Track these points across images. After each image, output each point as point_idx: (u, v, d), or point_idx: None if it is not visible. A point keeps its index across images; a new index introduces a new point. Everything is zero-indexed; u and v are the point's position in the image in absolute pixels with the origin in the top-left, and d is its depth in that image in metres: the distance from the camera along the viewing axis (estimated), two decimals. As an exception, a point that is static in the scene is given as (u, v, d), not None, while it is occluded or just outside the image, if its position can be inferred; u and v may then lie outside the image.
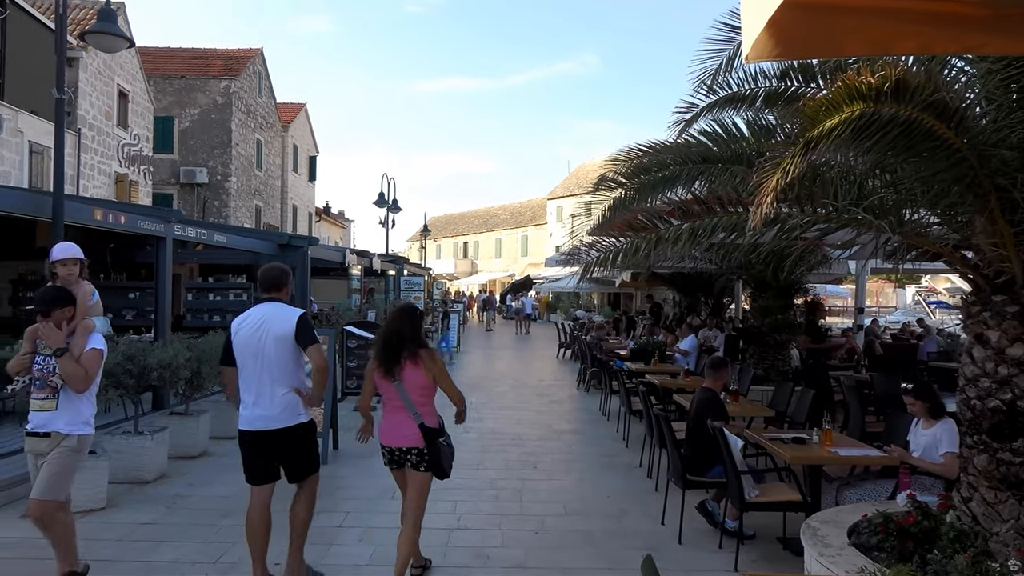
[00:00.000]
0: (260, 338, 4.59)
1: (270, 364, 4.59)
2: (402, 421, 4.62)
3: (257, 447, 4.65)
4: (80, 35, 8.92)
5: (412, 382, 4.62)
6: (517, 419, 10.96)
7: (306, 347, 4.61)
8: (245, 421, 4.64)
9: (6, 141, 15.84)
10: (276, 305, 4.72)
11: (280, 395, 4.60)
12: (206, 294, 15.13)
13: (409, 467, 4.65)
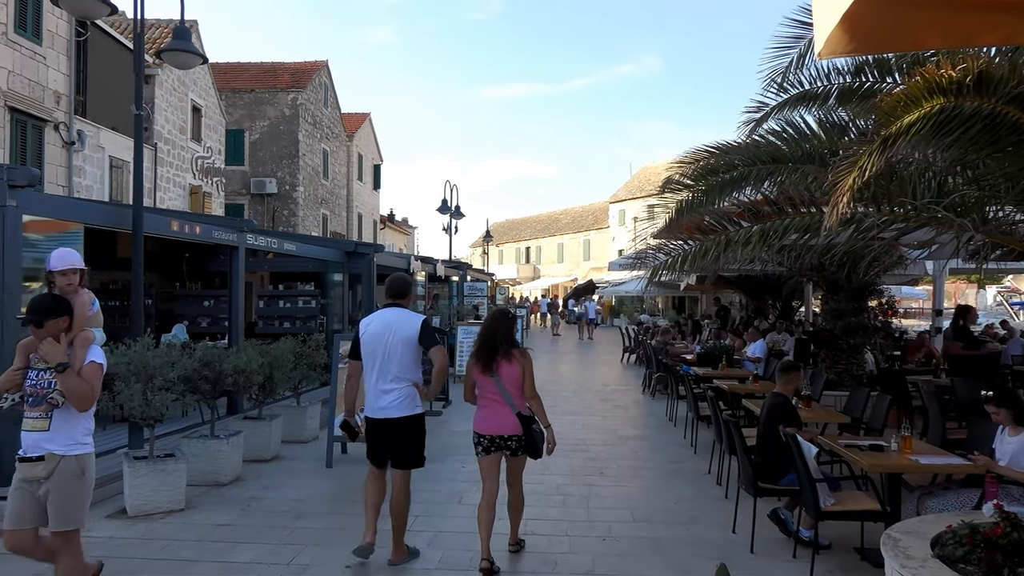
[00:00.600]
0: (386, 338, 5.20)
1: (394, 361, 5.19)
2: (500, 412, 5.17)
3: (379, 432, 5.29)
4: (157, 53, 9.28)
5: (508, 377, 5.16)
6: (582, 424, 10.90)
7: (428, 348, 5.23)
8: (369, 410, 5.30)
9: (89, 156, 16.57)
10: (401, 310, 5.35)
11: (400, 388, 5.20)
12: (277, 301, 15.50)
13: (508, 453, 5.25)
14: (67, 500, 4.07)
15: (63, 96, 15.35)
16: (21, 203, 6.40)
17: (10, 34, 13.70)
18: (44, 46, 14.70)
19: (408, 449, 5.32)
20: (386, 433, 5.25)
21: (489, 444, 5.22)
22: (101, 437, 8.29)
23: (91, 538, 5.73)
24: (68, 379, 4.00)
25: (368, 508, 5.34)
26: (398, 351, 5.19)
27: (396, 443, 5.29)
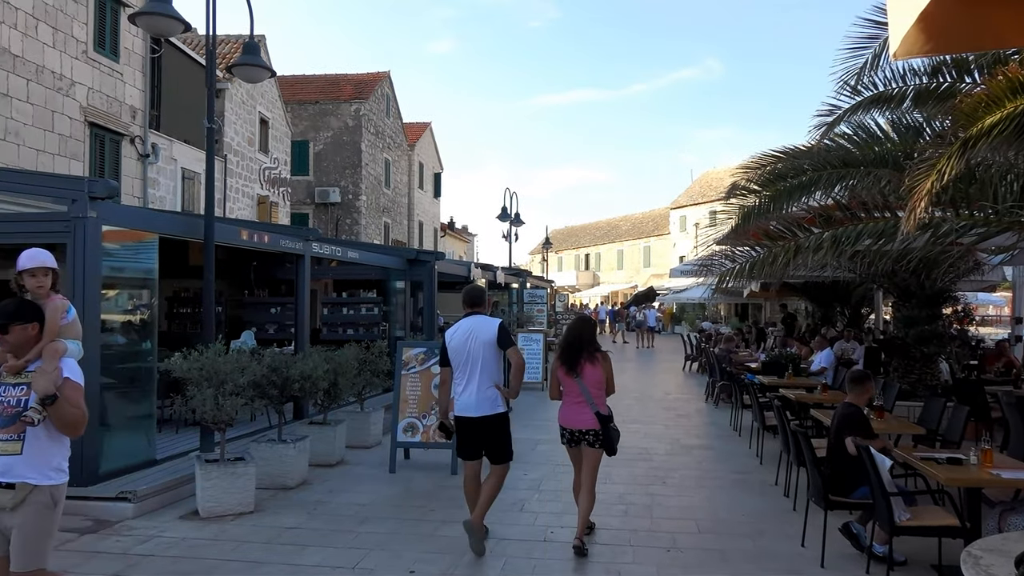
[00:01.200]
0: (470, 343, 5.69)
1: (478, 364, 5.67)
2: (581, 409, 5.68)
3: (468, 430, 5.76)
4: (227, 68, 9.56)
5: (590, 378, 5.68)
6: (644, 433, 10.78)
7: (506, 349, 5.71)
8: (459, 409, 5.78)
9: (162, 168, 17.18)
10: (479, 317, 5.85)
11: (484, 389, 5.68)
12: (340, 309, 15.75)
13: (585, 445, 5.72)
14: (35, 536, 3.52)
15: (138, 111, 15.96)
16: (101, 214, 6.67)
17: (90, 52, 14.32)
18: (121, 63, 15.32)
19: (498, 445, 5.80)
20: (474, 430, 5.75)
21: (571, 437, 5.79)
22: (174, 440, 8.58)
23: (165, 538, 5.92)
24: (60, 409, 3.45)
25: (470, 502, 5.84)
26: (481, 354, 5.67)
27: (486, 440, 5.77)
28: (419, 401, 8.48)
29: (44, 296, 3.76)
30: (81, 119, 14.07)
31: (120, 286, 7.82)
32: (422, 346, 8.90)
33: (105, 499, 6.47)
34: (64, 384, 3.53)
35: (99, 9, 14.61)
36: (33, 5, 12.88)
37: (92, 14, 14.40)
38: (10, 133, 12.36)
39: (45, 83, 13.16)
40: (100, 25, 14.68)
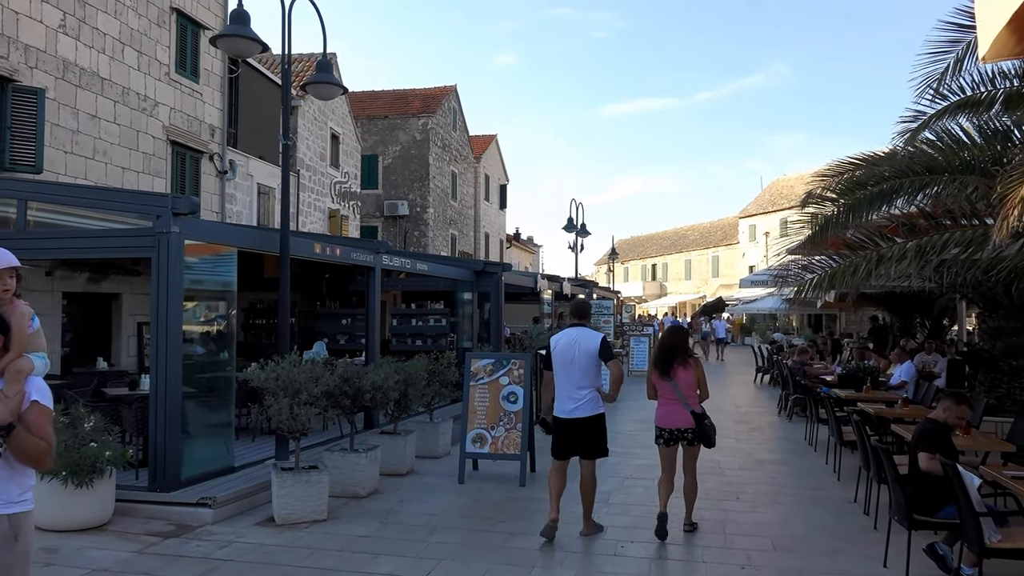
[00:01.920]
0: (572, 352, 6.18)
1: (579, 370, 6.15)
2: (677, 410, 6.24)
3: (565, 430, 6.23)
4: (301, 86, 9.84)
5: (684, 381, 6.24)
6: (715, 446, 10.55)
7: (607, 360, 6.22)
8: (559, 411, 6.25)
9: (239, 184, 17.76)
10: (583, 329, 6.36)
11: (584, 393, 6.14)
12: (409, 320, 15.99)
13: (684, 444, 6.29)
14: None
15: (217, 129, 16.56)
16: (184, 229, 6.93)
17: (172, 74, 14.94)
18: (201, 84, 15.92)
19: (594, 442, 6.24)
20: (574, 430, 6.19)
21: (669, 436, 6.30)
22: (250, 448, 8.81)
23: (243, 544, 6.08)
24: (20, 439, 2.90)
25: (552, 494, 6.26)
26: (583, 362, 6.16)
27: (583, 438, 6.20)
28: (487, 412, 8.51)
29: (8, 303, 3.16)
30: (164, 138, 14.67)
31: (201, 298, 8.10)
32: (490, 357, 8.95)
33: (186, 504, 6.69)
34: (30, 409, 2.98)
35: (180, 32, 15.24)
36: (119, 30, 13.52)
37: (174, 37, 15.03)
38: (98, 152, 12.97)
39: (131, 104, 13.78)
40: (181, 48, 15.30)
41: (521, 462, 8.27)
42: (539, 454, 9.04)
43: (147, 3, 14.26)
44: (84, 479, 6.12)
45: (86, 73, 12.73)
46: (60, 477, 6.08)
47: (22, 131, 11.29)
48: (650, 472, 8.78)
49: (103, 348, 12.92)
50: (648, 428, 11.63)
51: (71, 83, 12.41)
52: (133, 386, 8.72)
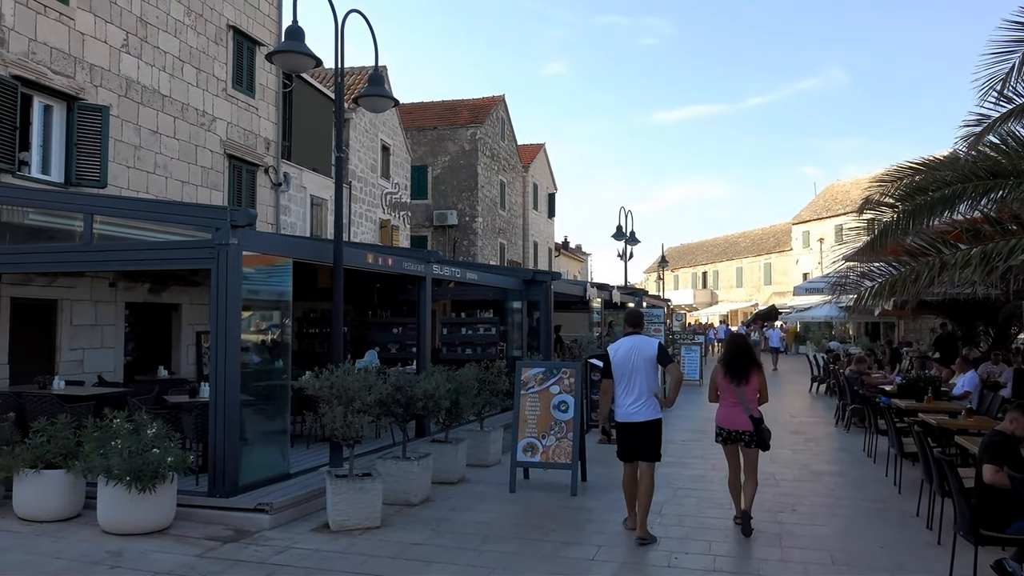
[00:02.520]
0: (631, 359, 6.50)
1: (639, 377, 6.47)
2: (737, 413, 6.59)
3: (628, 434, 6.55)
4: (354, 99, 10.01)
5: (749, 386, 6.60)
6: (770, 457, 10.31)
7: (666, 365, 6.57)
8: (621, 416, 6.56)
9: (293, 196, 18.12)
10: (640, 336, 6.72)
11: (644, 399, 6.46)
12: (459, 328, 16.09)
13: (742, 445, 6.63)
14: None
15: (271, 142, 16.93)
16: (242, 241, 7.10)
17: (229, 90, 15.34)
18: (256, 99, 16.31)
19: (652, 446, 6.52)
20: (634, 434, 6.51)
21: (728, 436, 6.67)
22: (305, 455, 8.95)
23: (299, 549, 6.18)
24: None
25: (628, 501, 6.66)
26: (642, 368, 6.48)
27: (642, 441, 6.48)
28: (538, 421, 8.50)
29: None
30: (221, 152, 15.06)
31: (258, 308, 8.28)
32: (540, 366, 8.94)
33: (244, 510, 6.83)
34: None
35: (237, 49, 15.65)
36: (179, 48, 13.94)
37: (231, 54, 15.44)
38: (159, 167, 13.38)
39: (190, 120, 14.18)
40: (238, 64, 15.71)
41: (572, 471, 8.24)
42: (590, 464, 9.01)
43: (205, 21, 14.69)
44: (147, 484, 6.30)
45: (147, 90, 13.16)
46: (124, 482, 6.26)
47: (87, 147, 11.71)
48: (702, 483, 8.68)
49: (164, 357, 13.29)
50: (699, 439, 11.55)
51: (133, 100, 12.84)
52: (193, 394, 8.94)
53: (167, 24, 13.66)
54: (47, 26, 11.19)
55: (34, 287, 10.80)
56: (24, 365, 10.54)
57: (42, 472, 6.74)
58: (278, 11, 17.16)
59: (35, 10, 10.96)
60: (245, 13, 15.96)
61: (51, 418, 7.03)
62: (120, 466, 6.32)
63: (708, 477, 8.97)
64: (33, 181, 10.89)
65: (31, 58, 10.89)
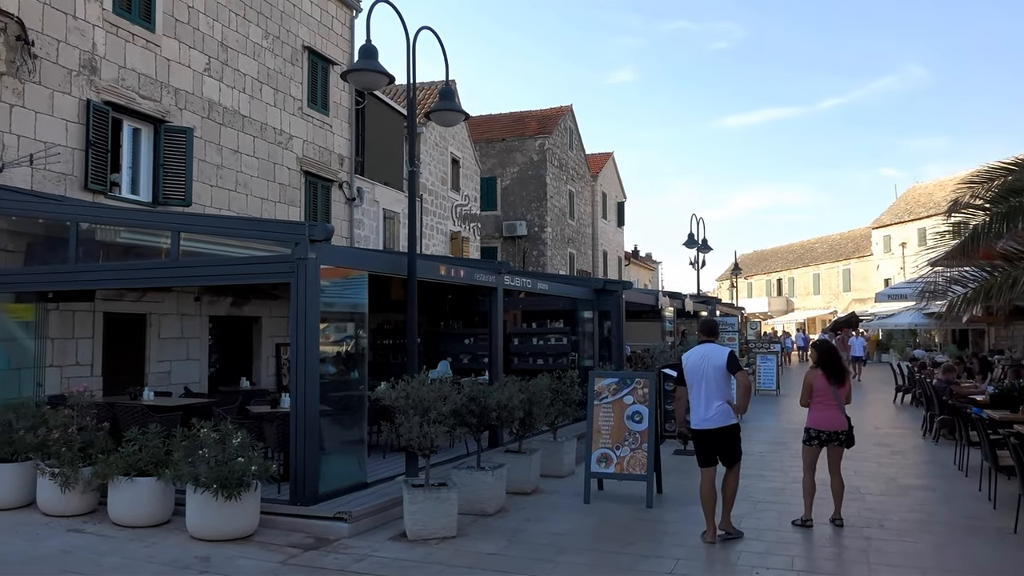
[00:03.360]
0: (703, 367, 6.70)
1: (710, 384, 6.65)
2: (835, 414, 7.01)
3: (703, 440, 6.76)
4: (425, 114, 10.18)
5: (843, 389, 7.05)
6: (854, 470, 9.99)
7: (735, 373, 6.69)
8: (695, 423, 6.78)
9: (366, 210, 18.52)
10: (712, 345, 6.91)
11: (716, 405, 6.64)
12: (530, 339, 16.11)
13: (835, 444, 7.05)
14: None
15: (345, 158, 17.36)
16: (319, 255, 7.30)
17: (304, 108, 15.81)
18: (330, 116, 16.76)
19: (730, 450, 6.75)
20: (710, 439, 6.72)
21: (826, 438, 7.02)
22: (381, 464, 9.10)
23: (377, 558, 6.28)
24: None
25: (706, 508, 6.71)
26: (713, 376, 6.65)
27: (720, 447, 6.72)
28: (612, 431, 8.44)
29: None
30: (298, 169, 15.52)
31: (335, 320, 8.49)
32: (614, 376, 8.88)
33: (324, 518, 6.98)
34: None
35: (312, 69, 16.12)
36: (258, 70, 14.45)
37: (306, 74, 15.92)
38: (240, 184, 13.86)
39: (268, 138, 14.66)
40: (313, 83, 16.18)
41: (648, 483, 8.14)
42: (666, 475, 8.88)
43: (282, 43, 15.19)
44: (232, 492, 6.50)
45: (228, 111, 13.67)
46: (211, 490, 6.48)
47: (173, 168, 12.23)
48: (782, 496, 8.46)
49: (245, 368, 13.73)
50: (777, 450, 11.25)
51: (215, 121, 13.35)
52: (274, 404, 9.20)
53: (246, 47, 14.18)
54: (135, 53, 11.76)
55: (125, 302, 11.31)
56: (116, 376, 11.04)
57: (134, 479, 7.04)
58: (350, 31, 17.61)
59: (124, 39, 11.54)
60: (319, 34, 16.43)
61: (142, 428, 7.33)
62: (207, 474, 6.55)
63: (788, 490, 8.72)
64: (124, 201, 11.43)
65: (121, 84, 11.45)
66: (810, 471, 7.11)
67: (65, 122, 10.50)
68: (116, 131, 11.46)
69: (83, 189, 10.65)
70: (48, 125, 10.26)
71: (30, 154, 9.87)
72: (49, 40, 10.32)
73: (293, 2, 15.57)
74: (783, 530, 7.11)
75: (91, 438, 7.58)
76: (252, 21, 14.35)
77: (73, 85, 10.65)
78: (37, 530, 7.01)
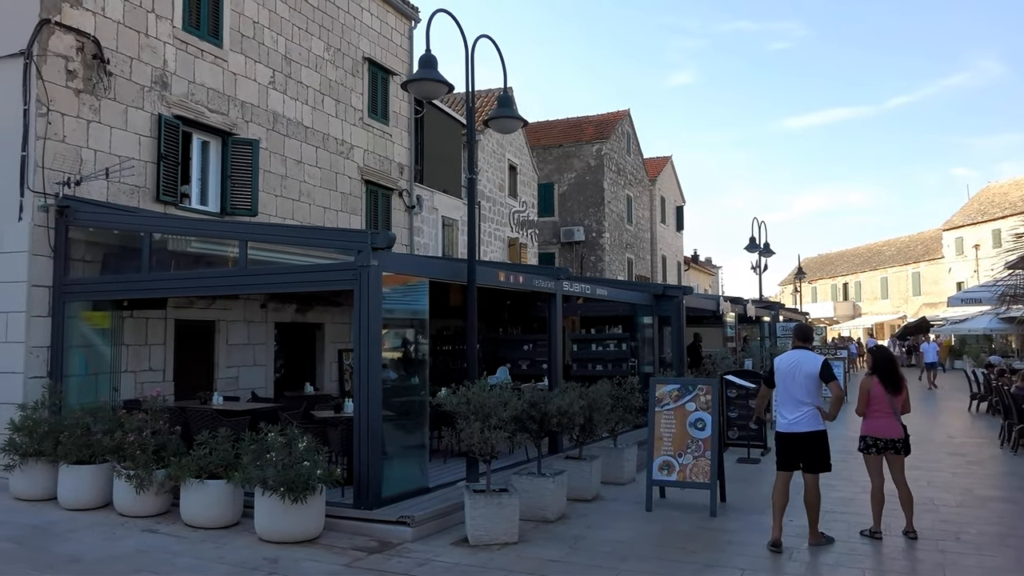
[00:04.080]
0: (794, 372, 6.78)
1: (800, 389, 6.71)
2: (891, 422, 6.96)
3: (787, 444, 6.80)
4: (484, 121, 10.26)
5: (899, 397, 7.03)
6: (927, 481, 9.67)
7: (827, 381, 6.72)
8: (781, 426, 6.84)
9: (425, 217, 18.73)
10: (806, 351, 6.98)
11: (804, 410, 6.69)
12: (589, 345, 16.03)
13: (892, 453, 6.96)
14: None
15: (405, 167, 17.59)
16: (381, 262, 7.41)
17: (365, 119, 16.09)
18: (390, 125, 17.02)
19: (815, 457, 6.70)
20: (794, 444, 6.73)
21: (882, 445, 6.97)
22: (442, 469, 9.16)
23: (440, 562, 6.32)
24: None
25: (776, 510, 6.73)
26: (803, 382, 6.72)
27: (804, 452, 6.70)
28: (673, 439, 8.33)
29: None
30: (359, 178, 15.78)
31: (396, 326, 8.60)
32: (675, 382, 8.77)
33: (387, 522, 7.07)
34: None
35: (372, 80, 16.40)
36: (320, 82, 14.76)
37: (366, 85, 16.20)
38: (303, 194, 14.17)
39: (330, 149, 14.96)
40: (373, 94, 16.46)
41: (711, 491, 8.01)
42: (729, 483, 8.72)
43: (343, 55, 15.49)
44: (299, 495, 6.64)
45: (292, 123, 14.00)
46: (279, 493, 6.63)
47: (240, 179, 12.58)
48: (850, 506, 8.22)
49: (308, 374, 14.01)
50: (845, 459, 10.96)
51: (280, 133, 13.69)
52: (338, 409, 9.36)
53: (309, 60, 14.50)
54: (204, 68, 12.14)
55: (195, 309, 11.67)
56: (187, 381, 11.40)
57: (205, 482, 7.24)
58: (409, 41, 17.86)
59: (193, 55, 11.93)
60: (379, 45, 16.71)
61: (212, 431, 7.54)
62: (274, 477, 6.70)
63: (858, 500, 8.47)
64: (193, 212, 11.81)
65: (190, 99, 11.84)
66: (877, 480, 7.00)
67: (138, 136, 10.90)
68: (186, 144, 11.84)
69: (155, 201, 11.04)
70: (122, 139, 10.67)
71: (106, 168, 10.27)
72: (123, 58, 10.74)
73: (354, 15, 15.88)
74: (852, 541, 6.91)
75: (164, 441, 7.83)
76: (314, 34, 14.67)
77: (145, 100, 11.05)
78: (114, 529, 7.27)
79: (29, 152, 9.49)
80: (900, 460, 7.02)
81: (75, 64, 10.02)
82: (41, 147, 9.53)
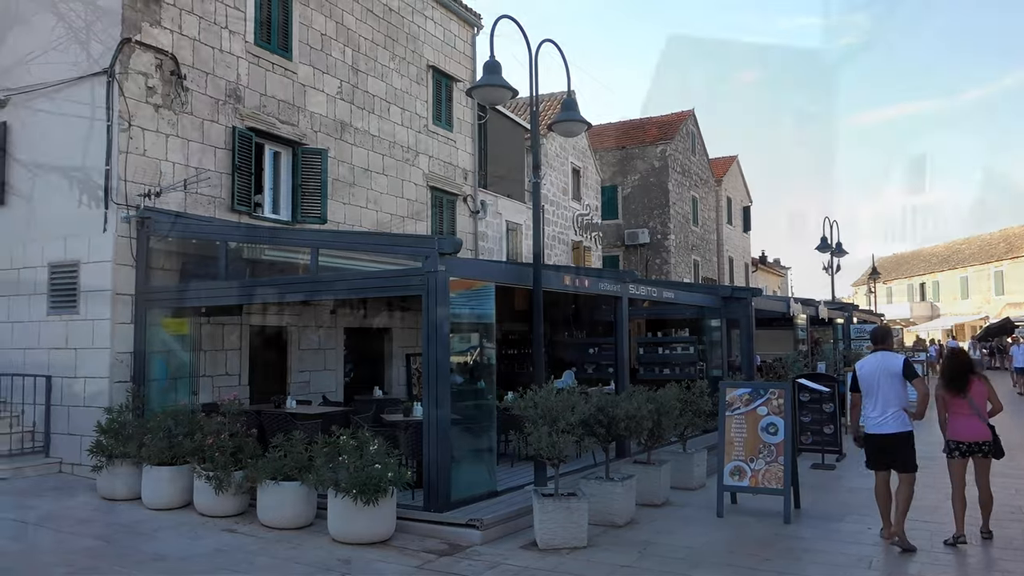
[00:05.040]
0: (878, 374, 6.83)
1: (885, 391, 6.76)
2: (975, 423, 6.76)
3: (875, 445, 6.85)
4: (548, 125, 10.27)
5: (978, 395, 6.80)
6: (1015, 489, 9.24)
7: (911, 380, 6.79)
8: (869, 427, 6.87)
9: (489, 222, 18.84)
10: (886, 352, 7.04)
11: (891, 411, 6.74)
12: (656, 348, 15.88)
13: (979, 456, 6.75)
14: None
15: (469, 172, 17.75)
16: (448, 268, 7.48)
17: (430, 126, 16.30)
18: (454, 132, 17.20)
19: (903, 457, 6.73)
20: (882, 445, 6.79)
21: (966, 449, 6.75)
22: (510, 473, 9.19)
23: (509, 566, 6.34)
24: None
25: (882, 510, 6.89)
26: (887, 383, 6.77)
27: (892, 453, 6.75)
28: (745, 444, 8.17)
29: None
30: (424, 184, 16.00)
31: (463, 331, 8.68)
32: (746, 386, 8.61)
33: (457, 525, 7.13)
34: None
35: (436, 88, 16.62)
36: (386, 91, 15.03)
37: (431, 93, 16.42)
38: (370, 201, 14.44)
39: (396, 156, 15.21)
40: (437, 101, 16.67)
41: (784, 497, 7.82)
42: (803, 490, 8.50)
43: (408, 64, 15.73)
44: (371, 497, 6.75)
45: (359, 132, 14.28)
46: (351, 495, 6.75)
47: (310, 188, 12.89)
48: (928, 515, 7.90)
49: (377, 378, 14.24)
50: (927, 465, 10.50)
51: (347, 142, 13.97)
52: (407, 412, 9.48)
53: (375, 69, 14.77)
54: (274, 81, 12.49)
55: (268, 315, 12.00)
56: (261, 385, 11.73)
57: (281, 483, 7.43)
58: (472, 47, 18.02)
59: (264, 68, 12.28)
60: (443, 53, 16.91)
61: (286, 434, 7.74)
62: (347, 480, 6.83)
63: (942, 508, 8.12)
64: (266, 220, 12.15)
65: (262, 111, 12.19)
66: (960, 486, 6.78)
67: (214, 148, 11.28)
68: (259, 155, 12.19)
69: (230, 210, 11.40)
70: (198, 152, 11.05)
71: (184, 179, 10.67)
72: (199, 73, 11.13)
73: (418, 24, 16.11)
74: (936, 551, 6.66)
75: (241, 443, 8.07)
76: (380, 44, 14.94)
77: (220, 113, 11.43)
78: (195, 529, 7.52)
79: (112, 166, 9.91)
80: (987, 463, 6.80)
81: (154, 80, 10.43)
82: (123, 161, 9.95)
